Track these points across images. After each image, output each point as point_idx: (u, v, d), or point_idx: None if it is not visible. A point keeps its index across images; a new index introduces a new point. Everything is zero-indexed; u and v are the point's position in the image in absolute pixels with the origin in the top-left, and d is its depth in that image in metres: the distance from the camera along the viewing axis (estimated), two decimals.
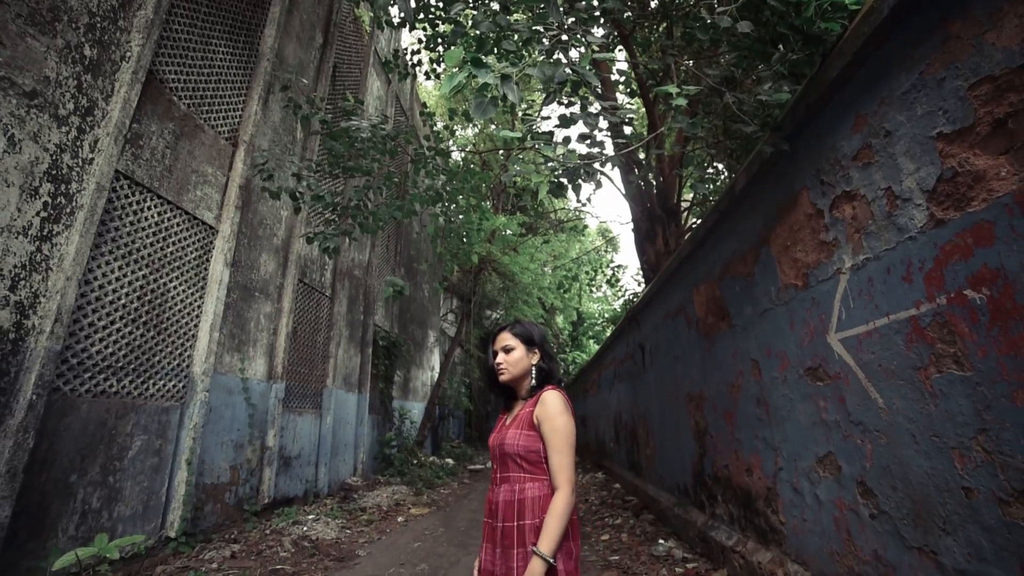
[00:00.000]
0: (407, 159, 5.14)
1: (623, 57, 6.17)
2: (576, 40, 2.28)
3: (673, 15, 3.78)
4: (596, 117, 2.53)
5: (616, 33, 4.51)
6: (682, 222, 7.01)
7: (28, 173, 3.17)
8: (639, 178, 5.80)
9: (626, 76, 5.28)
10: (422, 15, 6.17)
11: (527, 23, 2.78)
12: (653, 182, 6.37)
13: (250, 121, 5.67)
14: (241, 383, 5.44)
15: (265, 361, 5.96)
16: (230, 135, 5.51)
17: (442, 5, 5.92)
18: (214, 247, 5.14)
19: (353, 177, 6.07)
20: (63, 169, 3.42)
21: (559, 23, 2.32)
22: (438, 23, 6.69)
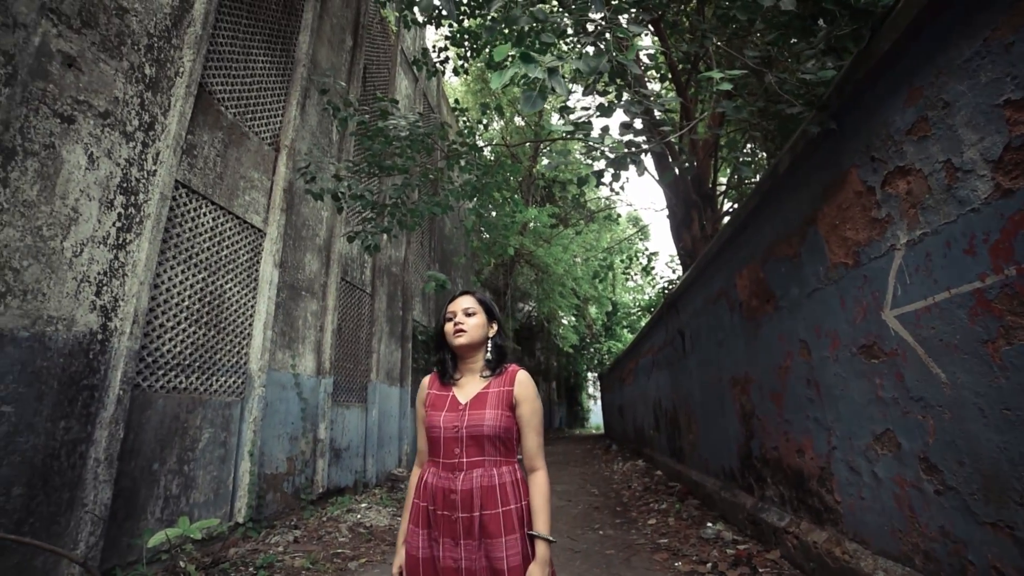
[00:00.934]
0: (439, 155, 5.25)
1: (648, 41, 6.10)
2: (622, 31, 2.31)
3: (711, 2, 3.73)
4: (638, 105, 2.56)
5: (647, 17, 4.48)
6: (718, 206, 6.91)
7: (104, 187, 3.42)
8: (675, 164, 5.75)
9: (656, 61, 5.23)
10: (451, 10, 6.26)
11: (560, 15, 2.82)
12: (687, 167, 6.29)
13: (290, 126, 5.89)
14: (293, 379, 5.70)
15: (313, 357, 6.22)
16: (272, 140, 5.75)
17: (479, 1, 5.95)
18: (263, 249, 5.39)
19: (390, 176, 6.23)
20: (132, 181, 3.67)
21: (602, 15, 2.35)
22: (464, 19, 6.75)
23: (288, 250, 5.84)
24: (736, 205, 8.87)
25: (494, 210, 6.52)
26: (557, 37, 3.63)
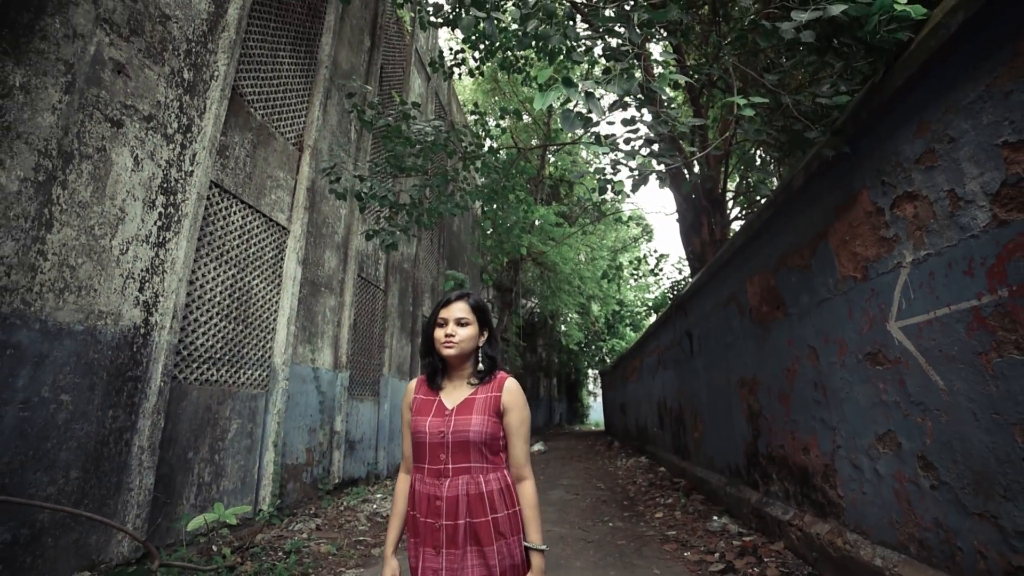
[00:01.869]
0: (457, 156, 5.43)
1: (661, 53, 6.26)
2: (656, 62, 2.48)
3: (730, 22, 3.90)
4: (664, 125, 2.74)
5: (666, 37, 4.65)
6: (726, 211, 7.10)
7: (148, 187, 3.59)
8: (692, 178, 5.94)
9: (668, 69, 5.39)
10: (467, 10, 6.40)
11: (594, 38, 2.99)
12: (698, 171, 6.48)
13: (313, 126, 6.06)
14: (312, 372, 5.90)
15: (331, 351, 6.41)
16: (296, 140, 5.91)
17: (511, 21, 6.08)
18: (287, 246, 5.57)
19: (408, 176, 6.41)
20: (172, 182, 3.84)
21: (633, 41, 2.53)
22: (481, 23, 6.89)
23: (310, 247, 6.01)
24: (744, 211, 9.06)
25: (509, 211, 6.70)
26: (583, 56, 3.80)
